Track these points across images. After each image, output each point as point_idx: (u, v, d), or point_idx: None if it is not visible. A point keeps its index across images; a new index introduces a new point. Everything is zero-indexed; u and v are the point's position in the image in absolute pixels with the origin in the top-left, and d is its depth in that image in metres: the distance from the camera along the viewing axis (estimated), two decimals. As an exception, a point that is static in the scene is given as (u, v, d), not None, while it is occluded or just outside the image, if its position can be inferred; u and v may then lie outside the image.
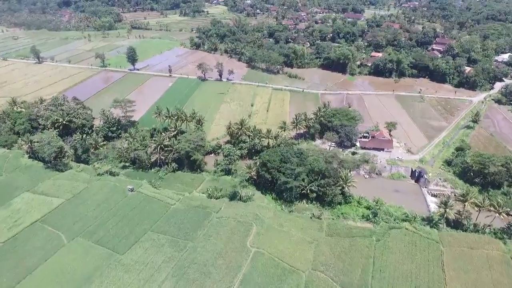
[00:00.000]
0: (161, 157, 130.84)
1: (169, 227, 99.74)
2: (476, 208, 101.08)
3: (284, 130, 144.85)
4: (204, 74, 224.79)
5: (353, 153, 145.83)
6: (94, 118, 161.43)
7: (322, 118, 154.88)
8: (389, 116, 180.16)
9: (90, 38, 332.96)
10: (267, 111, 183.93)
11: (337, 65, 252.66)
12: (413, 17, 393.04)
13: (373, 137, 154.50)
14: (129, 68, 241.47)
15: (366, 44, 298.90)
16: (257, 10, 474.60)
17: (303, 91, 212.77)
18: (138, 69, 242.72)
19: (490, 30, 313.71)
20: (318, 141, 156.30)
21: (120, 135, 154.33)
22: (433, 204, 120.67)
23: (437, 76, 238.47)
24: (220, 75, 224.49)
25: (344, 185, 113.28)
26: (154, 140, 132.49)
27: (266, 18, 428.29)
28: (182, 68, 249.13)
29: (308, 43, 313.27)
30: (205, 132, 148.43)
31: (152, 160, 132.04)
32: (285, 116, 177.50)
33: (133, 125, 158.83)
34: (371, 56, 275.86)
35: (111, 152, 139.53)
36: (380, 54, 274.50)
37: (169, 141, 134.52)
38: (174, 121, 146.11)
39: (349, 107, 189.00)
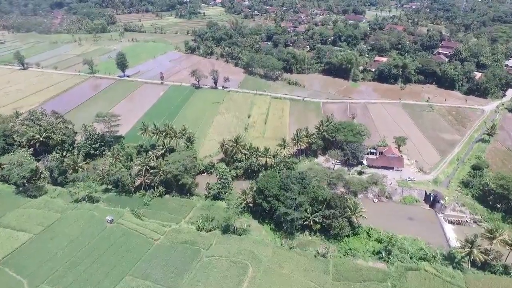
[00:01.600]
0: (146, 180, 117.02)
1: (152, 269, 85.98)
2: (507, 247, 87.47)
3: (284, 148, 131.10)
4: (198, 82, 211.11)
5: (360, 173, 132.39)
6: (76, 133, 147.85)
7: (325, 133, 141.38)
8: (396, 128, 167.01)
9: (81, 41, 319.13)
10: (265, 123, 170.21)
11: (339, 71, 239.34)
12: (416, 19, 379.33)
13: (381, 153, 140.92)
14: (118, 75, 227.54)
15: (369, 47, 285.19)
16: (255, 11, 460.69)
17: (303, 100, 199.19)
18: (128, 76, 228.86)
19: (498, 32, 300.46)
20: (321, 158, 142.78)
21: (104, 152, 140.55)
22: (451, 233, 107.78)
23: (445, 82, 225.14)
24: (215, 83, 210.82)
25: (352, 216, 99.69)
26: (139, 161, 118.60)
27: (264, 20, 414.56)
28: (175, 74, 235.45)
29: (308, 46, 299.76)
30: (196, 151, 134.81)
31: (136, 184, 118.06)
32: (284, 129, 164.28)
33: (118, 141, 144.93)
34: (374, 61, 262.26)
35: (92, 173, 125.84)
36: (384, 59, 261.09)
37: (156, 161, 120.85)
38: (162, 139, 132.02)
39: (353, 118, 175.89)
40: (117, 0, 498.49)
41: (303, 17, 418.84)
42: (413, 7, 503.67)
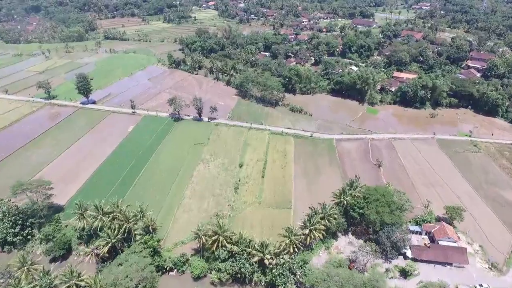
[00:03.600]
0: (71, 312, 73.59)
1: None
2: None
3: (291, 241, 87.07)
4: (178, 112, 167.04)
5: (403, 271, 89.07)
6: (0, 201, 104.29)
7: (348, 207, 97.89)
8: (438, 182, 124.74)
9: (49, 53, 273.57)
10: (263, 176, 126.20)
11: (352, 90, 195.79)
12: (434, 24, 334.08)
13: (429, 235, 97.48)
14: (81, 101, 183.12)
15: (385, 60, 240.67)
16: (251, 15, 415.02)
17: (311, 136, 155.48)
18: (94, 102, 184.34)
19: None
20: (342, 240, 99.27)
21: (31, 235, 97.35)
22: None
23: (484, 106, 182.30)
24: (200, 113, 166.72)
25: None
26: (60, 278, 74.89)
27: (261, 25, 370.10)
28: (153, 98, 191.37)
29: (313, 58, 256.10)
30: (160, 240, 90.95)
31: (56, 317, 74.54)
32: (288, 186, 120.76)
33: (51, 219, 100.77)
34: (393, 77, 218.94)
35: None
36: (404, 75, 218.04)
37: (89, 278, 77.07)
38: (106, 229, 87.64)
39: (379, 166, 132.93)
40: (100, 4, 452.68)
41: (305, 21, 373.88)
42: (423, 7, 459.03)
